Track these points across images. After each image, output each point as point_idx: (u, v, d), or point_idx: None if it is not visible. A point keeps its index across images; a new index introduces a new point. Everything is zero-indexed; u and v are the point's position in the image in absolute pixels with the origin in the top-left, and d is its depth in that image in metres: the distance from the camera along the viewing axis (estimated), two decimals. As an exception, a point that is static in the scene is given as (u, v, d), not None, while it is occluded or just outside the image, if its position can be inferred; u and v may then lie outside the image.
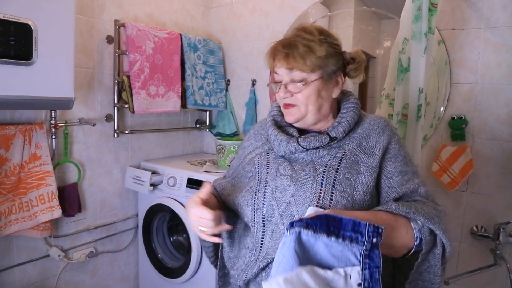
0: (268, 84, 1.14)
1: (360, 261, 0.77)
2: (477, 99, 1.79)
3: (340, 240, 0.77)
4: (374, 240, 0.77)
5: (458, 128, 1.81)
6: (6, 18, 1.39)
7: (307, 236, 0.76)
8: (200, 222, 0.97)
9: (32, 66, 1.48)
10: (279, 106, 1.13)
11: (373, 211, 0.92)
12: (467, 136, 1.81)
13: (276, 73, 1.04)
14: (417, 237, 0.90)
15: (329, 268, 0.77)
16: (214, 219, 0.96)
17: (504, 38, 1.71)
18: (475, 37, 1.78)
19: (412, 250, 0.91)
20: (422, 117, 1.60)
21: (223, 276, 1.20)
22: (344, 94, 1.11)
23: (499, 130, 1.75)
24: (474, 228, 1.80)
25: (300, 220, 0.77)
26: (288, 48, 1.00)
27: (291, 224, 0.78)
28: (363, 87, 2.39)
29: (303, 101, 1.01)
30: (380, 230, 0.77)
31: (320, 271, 0.76)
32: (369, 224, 0.77)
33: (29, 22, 1.45)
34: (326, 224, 0.77)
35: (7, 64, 1.42)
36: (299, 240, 0.76)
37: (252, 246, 1.05)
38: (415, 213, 0.89)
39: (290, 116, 1.05)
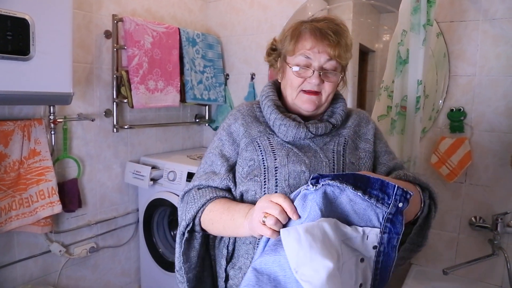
0: (288, 69, 1.03)
1: (381, 224, 0.75)
2: (476, 91, 1.79)
3: (366, 197, 0.74)
4: (400, 204, 0.74)
5: (457, 120, 1.81)
6: (2, 13, 1.38)
7: (333, 187, 0.74)
8: (281, 213, 0.78)
9: (30, 61, 1.48)
10: (274, 90, 1.10)
11: (393, 178, 0.95)
12: (465, 128, 1.81)
13: (307, 56, 0.98)
14: (423, 201, 0.94)
15: (349, 224, 0.75)
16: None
17: (503, 30, 1.71)
18: (473, 29, 1.78)
19: (418, 215, 0.94)
20: (421, 109, 1.60)
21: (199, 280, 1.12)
22: None
23: (497, 121, 1.75)
24: (473, 219, 1.81)
25: (326, 175, 0.75)
26: (338, 37, 0.97)
27: (316, 180, 0.74)
28: (362, 81, 2.39)
29: (328, 90, 1.01)
30: (408, 196, 0.75)
31: (341, 225, 0.74)
32: (398, 187, 0.74)
33: (26, 17, 1.44)
34: (353, 179, 0.74)
35: (5, 59, 1.41)
36: (324, 194, 0.74)
37: (254, 240, 0.99)
38: (425, 181, 0.97)
39: (310, 104, 1.01)
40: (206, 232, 1.02)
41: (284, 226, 0.77)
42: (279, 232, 0.75)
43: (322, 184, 0.74)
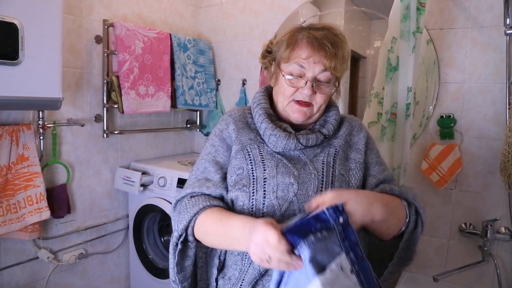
0: (280, 77, 1.02)
1: (341, 246, 0.77)
2: (465, 98, 1.81)
3: (318, 236, 0.75)
4: (341, 219, 0.77)
5: (446, 127, 1.83)
6: (-9, 17, 1.37)
7: (301, 248, 0.76)
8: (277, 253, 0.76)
9: (18, 66, 1.46)
10: (266, 97, 1.08)
11: (377, 192, 0.96)
12: (455, 134, 1.82)
13: (301, 65, 0.97)
14: (407, 214, 0.95)
15: (325, 266, 0.76)
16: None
17: (491, 37, 1.73)
18: (462, 36, 1.80)
19: (402, 229, 0.96)
20: (411, 116, 1.61)
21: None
22: None
23: (486, 128, 1.77)
24: (463, 225, 1.82)
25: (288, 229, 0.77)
26: (335, 48, 0.95)
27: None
28: (353, 87, 2.40)
29: (320, 102, 1.00)
30: (340, 208, 0.77)
31: (322, 276, 0.75)
32: (326, 208, 0.77)
33: (15, 21, 1.43)
34: (299, 232, 0.76)
35: (-7, 64, 1.39)
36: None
37: (242, 252, 0.97)
38: (412, 196, 0.98)
39: (301, 115, 1.00)
40: (199, 242, 0.99)
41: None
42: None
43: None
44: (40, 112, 1.79)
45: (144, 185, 2.13)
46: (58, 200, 1.89)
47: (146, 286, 2.26)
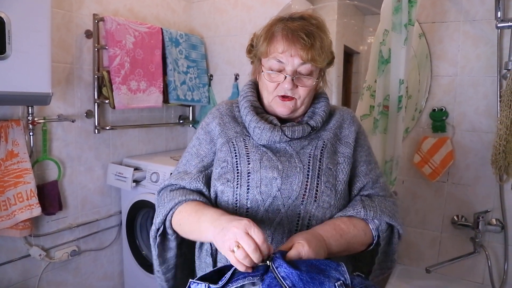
0: (261, 73, 1.00)
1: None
2: (457, 91, 1.81)
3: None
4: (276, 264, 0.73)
5: (439, 120, 1.83)
6: (-23, 11, 1.34)
7: None
8: (248, 241, 0.72)
9: (6, 61, 1.44)
10: (253, 90, 1.07)
11: (332, 221, 0.93)
12: (447, 127, 1.83)
13: (279, 60, 0.95)
14: (375, 235, 0.96)
15: None
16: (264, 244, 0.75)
17: (483, 31, 1.74)
18: (454, 29, 1.80)
19: (372, 246, 0.97)
20: (403, 108, 1.61)
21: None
22: None
23: (478, 121, 1.77)
24: (455, 217, 1.83)
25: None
26: (312, 39, 0.92)
27: None
28: (346, 82, 2.40)
29: (303, 95, 0.97)
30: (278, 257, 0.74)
31: None
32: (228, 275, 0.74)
33: (2, 15, 1.40)
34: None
35: (-20, 58, 1.37)
36: None
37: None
38: (380, 215, 0.95)
39: (284, 109, 0.98)
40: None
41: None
42: (246, 266, 0.73)
43: None
44: (30, 107, 1.76)
45: (136, 181, 2.11)
46: (49, 197, 1.87)
47: (140, 283, 2.25)
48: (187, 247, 1.10)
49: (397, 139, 1.62)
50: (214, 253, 1.01)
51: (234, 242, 0.73)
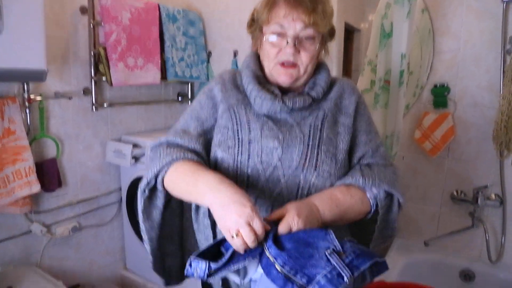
0: (263, 41, 0.99)
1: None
2: (459, 66, 1.79)
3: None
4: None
5: (440, 96, 1.81)
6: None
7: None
8: (249, 233, 0.72)
9: (-1, 36, 1.41)
10: (255, 60, 1.05)
11: (328, 190, 0.92)
12: (449, 103, 1.81)
13: (281, 25, 0.93)
14: (373, 204, 0.94)
15: None
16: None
17: (487, 5, 1.70)
18: (458, 4, 1.76)
19: (370, 215, 0.96)
20: (405, 83, 1.59)
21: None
22: None
23: (480, 96, 1.76)
24: (454, 193, 1.84)
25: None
26: (314, 3, 0.91)
27: None
28: (347, 60, 2.37)
29: (306, 61, 0.95)
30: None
31: None
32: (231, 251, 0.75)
33: (-7, -11, 1.37)
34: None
35: (-29, 34, 1.35)
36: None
37: None
38: (379, 183, 0.94)
39: (287, 77, 0.96)
40: (169, 192, 0.96)
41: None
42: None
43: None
44: (25, 85, 1.74)
45: (135, 158, 2.11)
46: (48, 174, 1.87)
47: (141, 258, 2.28)
48: (173, 216, 1.08)
49: (398, 114, 1.61)
50: (212, 215, 1.01)
51: (235, 229, 0.73)
